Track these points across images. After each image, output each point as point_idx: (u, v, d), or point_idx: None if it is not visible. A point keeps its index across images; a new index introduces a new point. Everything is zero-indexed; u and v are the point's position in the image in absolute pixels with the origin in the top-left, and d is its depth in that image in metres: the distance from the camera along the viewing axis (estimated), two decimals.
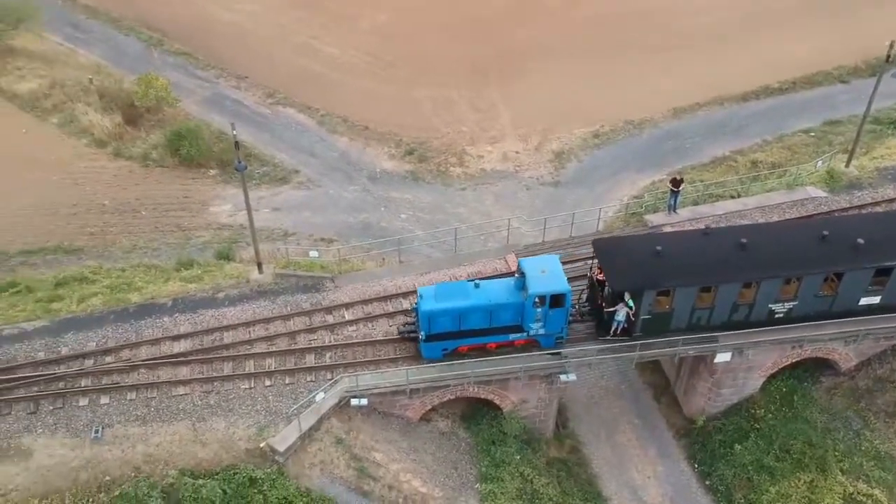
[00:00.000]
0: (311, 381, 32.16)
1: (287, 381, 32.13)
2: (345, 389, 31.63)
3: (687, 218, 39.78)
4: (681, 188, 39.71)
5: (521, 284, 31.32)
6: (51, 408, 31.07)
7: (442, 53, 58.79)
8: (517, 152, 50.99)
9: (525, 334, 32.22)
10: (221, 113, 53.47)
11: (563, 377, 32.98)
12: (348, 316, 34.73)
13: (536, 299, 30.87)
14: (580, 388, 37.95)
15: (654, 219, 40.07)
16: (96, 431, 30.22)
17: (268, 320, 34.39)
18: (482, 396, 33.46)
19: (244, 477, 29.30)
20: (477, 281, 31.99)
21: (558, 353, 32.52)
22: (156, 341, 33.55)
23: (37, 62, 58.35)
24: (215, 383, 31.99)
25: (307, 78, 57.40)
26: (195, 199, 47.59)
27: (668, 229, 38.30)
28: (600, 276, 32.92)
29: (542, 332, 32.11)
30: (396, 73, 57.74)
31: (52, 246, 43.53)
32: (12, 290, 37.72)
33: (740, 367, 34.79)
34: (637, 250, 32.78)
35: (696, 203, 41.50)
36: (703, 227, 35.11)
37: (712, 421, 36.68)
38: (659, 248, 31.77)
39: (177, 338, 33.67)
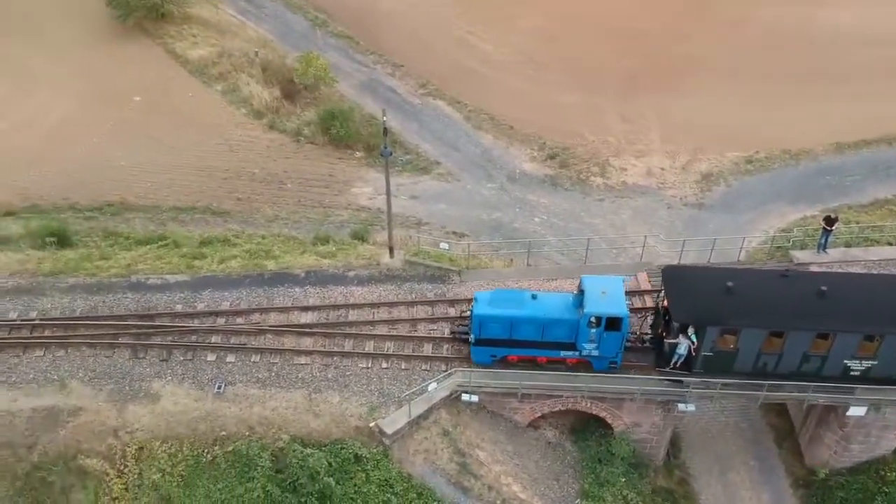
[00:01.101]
0: (426, 370, 32.48)
1: (403, 367, 32.58)
2: (458, 383, 31.76)
3: (836, 259, 37.55)
4: (834, 227, 37.52)
5: (579, 302, 30.75)
6: (181, 358, 32.81)
7: (596, 61, 57.84)
8: (662, 169, 49.58)
9: (577, 353, 31.53)
10: (374, 98, 54.71)
11: (681, 406, 31.89)
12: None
13: (592, 319, 30.24)
14: (698, 420, 36.57)
15: (801, 256, 38.05)
16: (219, 387, 31.68)
17: (392, 304, 34.98)
18: (594, 412, 32.82)
19: (350, 453, 29.96)
20: (535, 292, 31.75)
21: (680, 381, 31.42)
22: (285, 309, 34.80)
23: (210, 31, 61.53)
24: (335, 358, 32.87)
25: (460, 72, 57.83)
26: (339, 178, 48.96)
27: (814, 268, 36.31)
28: (666, 305, 31.63)
29: (595, 353, 31.33)
30: (548, 75, 57.29)
31: (201, 206, 45.89)
32: (161, 243, 40.04)
33: (875, 424, 32.58)
34: (707, 283, 31.32)
35: (848, 245, 39.10)
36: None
37: (836, 476, 34.55)
38: (731, 284, 30.29)
39: (305, 309, 34.80)
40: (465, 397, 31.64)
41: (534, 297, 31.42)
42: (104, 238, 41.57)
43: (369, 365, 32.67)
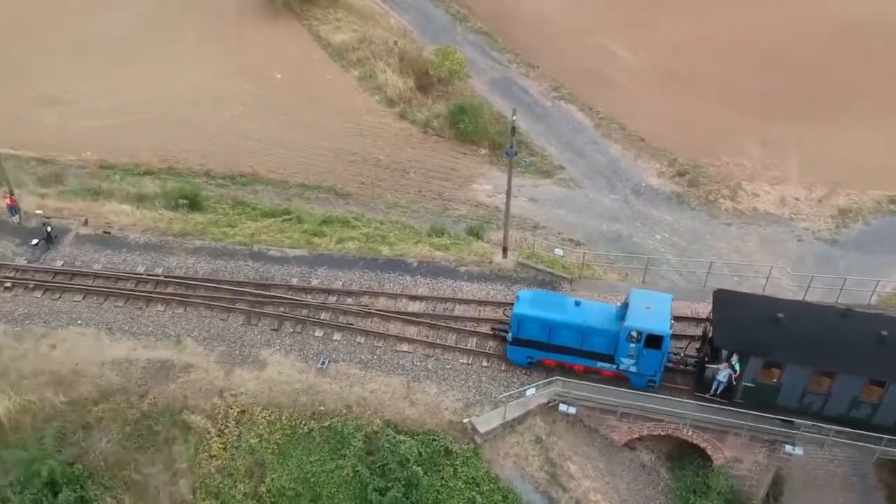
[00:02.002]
0: (526, 375, 32.17)
1: (503, 368, 32.38)
2: (556, 392, 31.28)
3: None
4: None
5: (622, 315, 29.94)
6: (291, 330, 33.72)
7: (740, 80, 55.73)
8: (797, 199, 47.30)
9: (615, 367, 30.83)
10: (505, 97, 54.62)
11: (788, 448, 30.32)
12: None
13: (633, 334, 29.50)
14: (804, 464, 34.68)
15: None
16: (323, 363, 32.37)
17: (499, 304, 34.79)
18: (694, 441, 31.66)
19: (441, 446, 30.00)
20: (579, 299, 31.36)
21: (790, 422, 29.89)
22: (394, 296, 35.22)
23: (353, 17, 63.00)
24: (437, 350, 33.00)
25: (595, 78, 56.94)
26: (461, 173, 49.17)
27: None
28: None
29: (633, 369, 30.57)
30: (687, 90, 55.62)
31: (326, 186, 47.10)
32: (285, 217, 41.29)
33: None
34: (757, 312, 29.85)
35: None
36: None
37: None
38: (781, 315, 28.87)
39: (413, 297, 35.12)
40: (562, 407, 31.14)
41: (577, 303, 31.15)
42: (232, 206, 43.27)
43: (470, 361, 32.63)
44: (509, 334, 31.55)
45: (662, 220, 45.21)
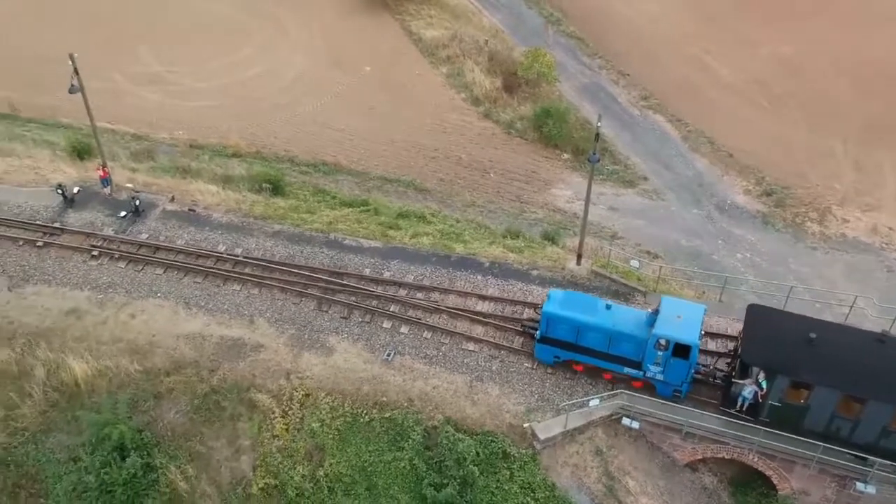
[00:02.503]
0: (591, 384, 31.75)
1: (568, 376, 32.03)
2: (621, 405, 30.77)
3: None
4: None
5: (652, 321, 29.56)
6: (360, 320, 34.10)
7: (839, 100, 53.77)
8: (890, 228, 45.29)
9: (642, 374, 30.39)
10: (592, 103, 54.05)
11: (860, 486, 29.09)
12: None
13: (661, 341, 29.01)
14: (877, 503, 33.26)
15: None
16: (388, 355, 32.62)
17: None
18: (760, 468, 30.68)
19: (499, 448, 29.88)
20: (610, 303, 31.07)
21: (864, 458, 28.68)
22: (464, 294, 35.23)
23: (446, 14, 63.33)
24: (503, 352, 32.88)
25: (686, 90, 55.79)
26: (541, 176, 48.85)
27: None
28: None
29: (659, 377, 30.09)
30: (782, 108, 53.98)
31: (405, 180, 47.46)
32: (362, 208, 41.79)
33: None
34: (789, 330, 28.97)
35: None
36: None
37: None
38: (813, 335, 28.01)
39: (483, 297, 35.07)
40: (625, 421, 30.61)
41: (608, 307, 30.85)
42: (313, 194, 44.02)
43: (534, 367, 32.37)
44: (538, 332, 31.46)
45: (745, 239, 43.93)
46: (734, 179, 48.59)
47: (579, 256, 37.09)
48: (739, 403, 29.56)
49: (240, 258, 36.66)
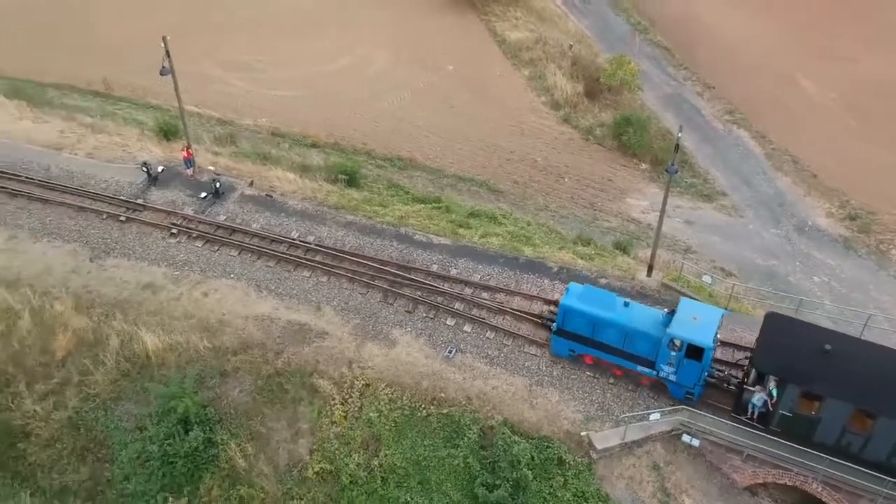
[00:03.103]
0: (653, 398, 31.21)
1: (630, 388, 31.56)
2: (681, 422, 30.16)
3: None
4: None
5: (667, 321, 29.51)
6: (423, 315, 34.27)
7: None
8: None
9: (655, 373, 30.26)
10: (675, 114, 53.24)
11: None
12: (717, 353, 32.86)
13: (675, 342, 28.88)
14: None
15: None
16: (450, 351, 32.70)
17: None
18: (823, 499, 29.66)
19: (555, 454, 29.63)
20: (628, 300, 31.00)
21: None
22: (529, 297, 35.06)
23: (532, 17, 63.19)
24: (565, 358, 32.58)
25: (773, 106, 54.43)
26: (617, 185, 48.32)
27: None
28: None
29: (672, 378, 29.96)
30: (873, 130, 52.13)
31: (479, 180, 47.54)
32: (434, 205, 42.01)
33: None
34: (805, 339, 28.49)
35: None
36: None
37: None
38: (829, 347, 27.50)
39: (549, 302, 34.80)
40: (685, 438, 29.99)
41: (626, 304, 30.79)
42: (387, 187, 44.50)
43: (596, 375, 31.99)
44: (554, 325, 31.64)
45: (824, 263, 42.62)
46: (817, 201, 47.20)
47: (650, 268, 36.51)
48: (749, 411, 29.32)
49: (311, 245, 37.27)
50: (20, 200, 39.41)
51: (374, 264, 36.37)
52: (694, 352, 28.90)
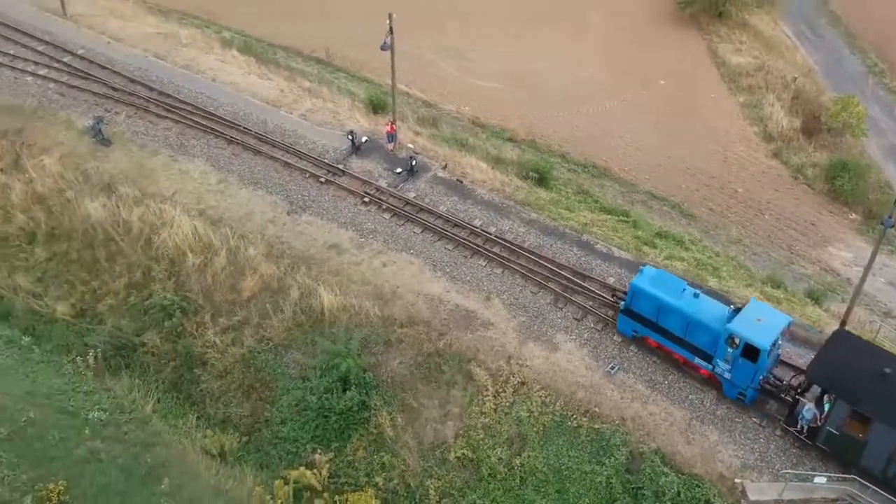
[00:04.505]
0: (819, 461, 28.99)
1: (796, 444, 29.44)
2: (850, 493, 27.77)
3: None
4: None
5: (731, 318, 29.30)
6: (591, 326, 33.65)
7: None
8: None
9: (711, 367, 30.27)
10: None
11: None
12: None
13: (733, 338, 28.73)
14: None
15: None
16: (613, 368, 31.91)
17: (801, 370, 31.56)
18: None
19: (703, 495, 28.22)
20: (699, 292, 30.91)
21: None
22: None
23: (758, 43, 60.26)
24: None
25: None
26: (820, 231, 45.26)
27: None
28: None
29: (727, 375, 29.85)
30: None
31: (672, 200, 46.03)
32: (621, 218, 41.12)
33: None
34: (866, 360, 27.77)
35: None
36: None
37: None
38: (889, 370, 26.63)
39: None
40: None
41: (696, 295, 30.62)
42: (576, 192, 44.05)
43: (764, 424, 30.13)
44: (622, 303, 32.04)
45: None
46: None
47: (843, 323, 33.85)
48: (799, 424, 28.77)
49: (491, 236, 37.52)
50: (235, 148, 42.40)
51: (551, 265, 36.11)
52: (750, 352, 28.64)
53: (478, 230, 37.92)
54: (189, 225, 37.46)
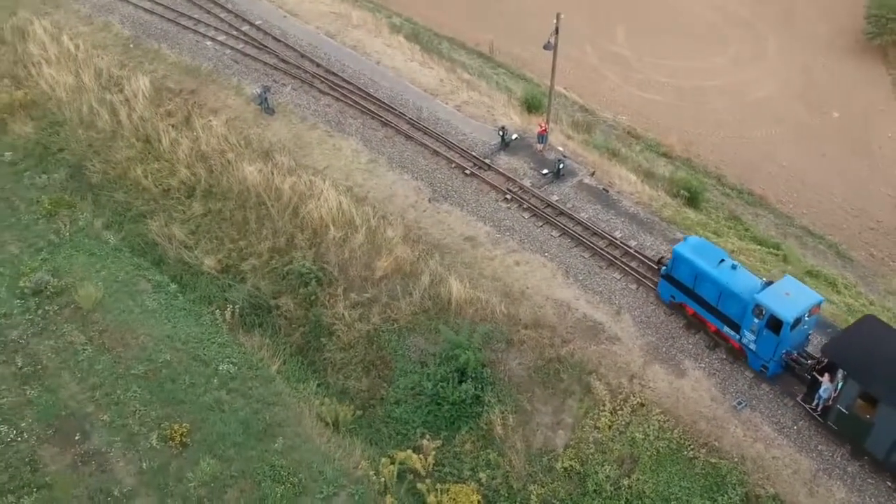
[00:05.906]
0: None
1: None
2: None
3: None
4: None
5: (761, 290, 29.53)
6: (723, 357, 32.07)
7: None
8: None
9: (738, 337, 30.75)
10: None
11: None
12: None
13: (759, 308, 29.12)
14: None
15: None
16: (740, 403, 30.45)
17: None
18: None
19: None
20: (736, 263, 31.32)
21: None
22: None
23: None
24: (866, 458, 28.77)
25: None
26: None
27: None
28: None
29: (752, 346, 30.31)
30: None
31: (830, 240, 43.43)
32: (772, 250, 39.07)
33: None
34: (887, 344, 27.45)
35: None
36: None
37: None
38: None
39: None
40: None
41: (734, 266, 30.99)
42: (727, 218, 42.31)
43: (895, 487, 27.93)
44: (664, 268, 32.91)
45: None
46: None
47: None
48: (815, 401, 28.87)
49: (631, 250, 36.56)
50: (388, 131, 43.32)
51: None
52: (774, 323, 28.90)
53: (617, 242, 37.05)
54: (335, 199, 38.63)
